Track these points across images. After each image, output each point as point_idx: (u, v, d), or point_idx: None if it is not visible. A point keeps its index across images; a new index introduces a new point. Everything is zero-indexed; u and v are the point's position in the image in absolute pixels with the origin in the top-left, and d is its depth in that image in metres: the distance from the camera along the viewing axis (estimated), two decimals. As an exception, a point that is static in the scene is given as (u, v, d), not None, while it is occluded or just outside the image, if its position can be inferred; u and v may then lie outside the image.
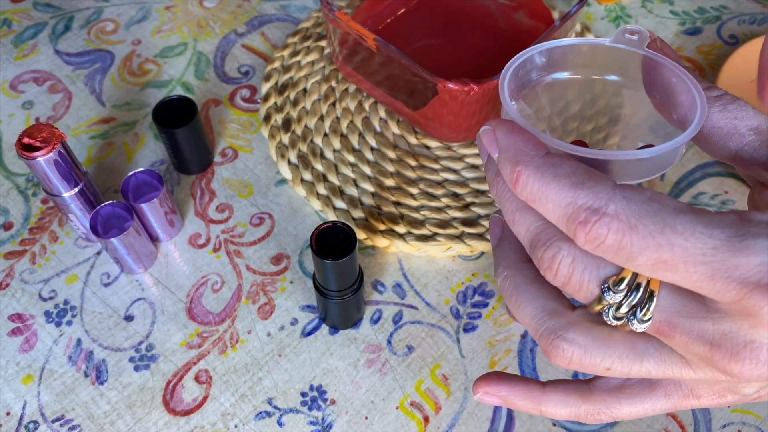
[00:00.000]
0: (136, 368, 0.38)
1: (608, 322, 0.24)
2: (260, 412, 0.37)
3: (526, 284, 0.26)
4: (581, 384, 0.27)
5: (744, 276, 0.20)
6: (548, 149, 0.24)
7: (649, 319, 0.23)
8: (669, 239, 0.21)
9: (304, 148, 0.46)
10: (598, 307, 0.23)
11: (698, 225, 0.21)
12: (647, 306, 0.23)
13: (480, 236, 0.42)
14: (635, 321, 0.23)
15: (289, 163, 0.45)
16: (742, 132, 0.26)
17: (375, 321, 0.40)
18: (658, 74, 0.27)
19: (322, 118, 0.47)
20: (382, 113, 0.47)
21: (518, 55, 0.28)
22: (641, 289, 0.23)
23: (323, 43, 0.51)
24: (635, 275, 0.23)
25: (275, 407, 0.37)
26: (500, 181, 0.26)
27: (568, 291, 0.24)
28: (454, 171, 0.45)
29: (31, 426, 0.37)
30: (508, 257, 0.27)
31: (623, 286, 0.23)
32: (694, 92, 0.25)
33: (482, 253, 0.43)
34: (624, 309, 0.23)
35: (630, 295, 0.23)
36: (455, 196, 0.44)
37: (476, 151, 0.46)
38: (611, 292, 0.23)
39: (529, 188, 0.23)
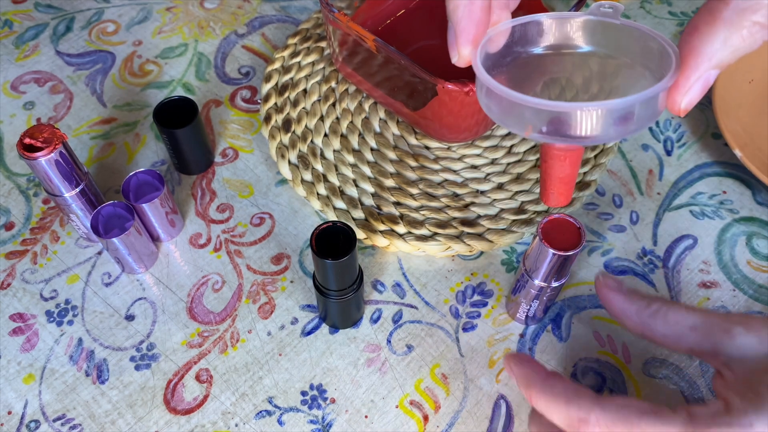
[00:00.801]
0: (137, 367, 0.38)
1: None
2: (260, 411, 0.37)
3: None
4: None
5: None
6: (547, 372, 0.32)
7: None
8: None
9: (304, 148, 0.46)
10: None
11: (658, 424, 0.28)
12: None
13: (479, 236, 0.42)
14: None
15: (290, 163, 0.45)
16: (685, 333, 0.32)
17: (375, 320, 0.40)
18: (632, 39, 0.29)
19: (322, 119, 0.47)
20: (382, 114, 0.48)
21: (492, 28, 0.29)
22: None
23: (323, 44, 0.51)
24: None
25: (275, 406, 0.37)
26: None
27: None
28: (454, 171, 0.45)
29: (33, 425, 0.37)
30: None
31: None
32: (668, 50, 0.27)
33: (481, 253, 0.43)
34: None
35: None
36: (455, 196, 0.44)
37: (476, 151, 0.46)
38: None
39: (539, 405, 0.31)
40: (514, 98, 0.26)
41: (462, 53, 0.29)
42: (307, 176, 0.45)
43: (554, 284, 0.36)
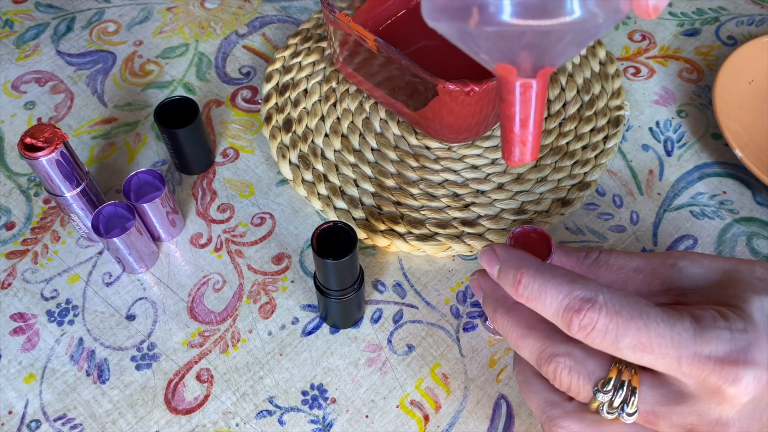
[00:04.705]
0: (138, 367, 0.38)
1: (606, 418, 0.28)
2: (261, 411, 0.37)
3: (534, 378, 0.31)
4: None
5: (704, 361, 0.26)
6: (540, 261, 0.29)
7: (635, 412, 0.28)
8: (645, 323, 0.26)
9: (304, 148, 0.46)
10: (594, 405, 0.28)
11: (667, 316, 0.26)
12: (631, 401, 0.27)
13: (479, 236, 0.42)
14: (624, 414, 0.28)
15: (290, 163, 0.45)
16: (631, 276, 0.32)
17: (375, 320, 0.40)
18: None
19: (322, 119, 0.47)
20: (383, 114, 0.48)
21: None
22: (625, 387, 0.27)
23: (324, 44, 0.51)
24: (620, 375, 0.28)
25: (276, 406, 0.37)
26: (500, 314, 0.31)
27: (571, 395, 0.29)
28: (455, 171, 0.45)
29: (33, 425, 0.37)
30: (521, 358, 0.33)
31: (610, 386, 0.28)
32: None
33: (482, 253, 0.43)
34: (615, 404, 0.28)
35: (616, 393, 0.28)
36: (455, 196, 0.44)
37: (476, 151, 0.46)
38: (601, 393, 0.28)
39: (530, 287, 0.28)
40: None
41: None
42: (308, 176, 0.45)
43: None
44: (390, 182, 0.44)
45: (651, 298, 0.31)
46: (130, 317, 0.40)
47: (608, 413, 0.28)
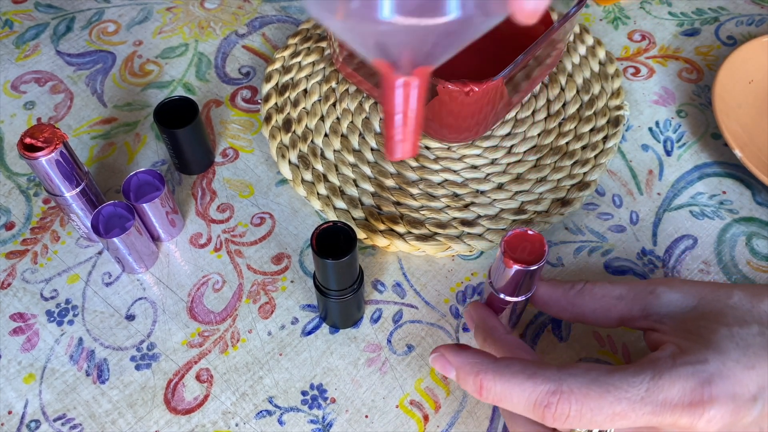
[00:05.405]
0: (138, 367, 0.38)
1: None
2: (261, 411, 0.37)
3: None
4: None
5: (672, 403, 0.28)
6: (495, 357, 0.30)
7: None
8: (614, 395, 0.28)
9: (304, 148, 0.46)
10: None
11: (628, 377, 0.28)
12: None
13: (479, 236, 0.42)
14: None
15: (290, 163, 0.45)
16: (613, 303, 0.33)
17: (375, 320, 0.40)
18: None
19: (322, 119, 0.47)
20: (383, 114, 0.48)
21: None
22: None
23: (324, 44, 0.51)
24: None
25: (276, 406, 0.37)
26: (489, 345, 0.34)
27: None
28: (454, 171, 0.45)
29: (33, 425, 0.37)
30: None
31: None
32: None
33: (481, 253, 0.43)
34: None
35: None
36: (455, 196, 0.44)
37: (476, 151, 0.46)
38: None
39: (493, 391, 0.29)
40: None
41: None
42: (308, 176, 0.45)
43: (520, 299, 0.35)
44: (389, 182, 0.44)
45: (632, 323, 0.33)
46: (130, 317, 0.40)
47: None
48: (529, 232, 0.33)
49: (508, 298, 0.35)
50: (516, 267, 0.32)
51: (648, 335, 0.33)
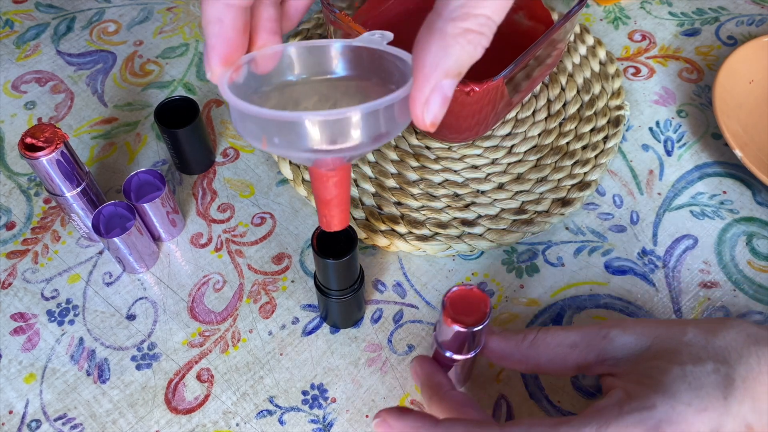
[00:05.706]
0: (138, 367, 0.38)
1: None
2: (261, 411, 0.37)
3: None
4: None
5: None
6: (437, 419, 0.30)
7: None
8: None
9: (305, 148, 0.46)
10: None
11: (573, 430, 0.28)
12: None
13: (480, 236, 0.42)
14: None
15: (291, 163, 0.45)
16: (567, 352, 0.33)
17: (375, 320, 0.40)
18: (384, 61, 0.29)
19: (322, 119, 0.47)
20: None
21: (260, 50, 0.30)
22: None
23: (324, 44, 0.51)
24: None
25: (276, 406, 0.37)
26: (434, 402, 0.33)
27: None
28: (455, 171, 0.45)
29: (34, 425, 0.37)
30: None
31: None
32: (408, 72, 0.27)
33: (482, 253, 0.43)
34: None
35: None
36: (455, 196, 0.44)
37: (476, 151, 0.46)
38: None
39: None
40: (242, 108, 0.25)
41: (213, 70, 0.28)
42: (308, 176, 0.45)
43: (467, 356, 0.33)
44: (390, 182, 0.45)
45: (588, 369, 0.33)
46: (131, 317, 0.40)
47: None
48: (474, 290, 0.31)
49: (455, 357, 0.33)
50: (456, 327, 0.31)
51: (603, 379, 0.32)
